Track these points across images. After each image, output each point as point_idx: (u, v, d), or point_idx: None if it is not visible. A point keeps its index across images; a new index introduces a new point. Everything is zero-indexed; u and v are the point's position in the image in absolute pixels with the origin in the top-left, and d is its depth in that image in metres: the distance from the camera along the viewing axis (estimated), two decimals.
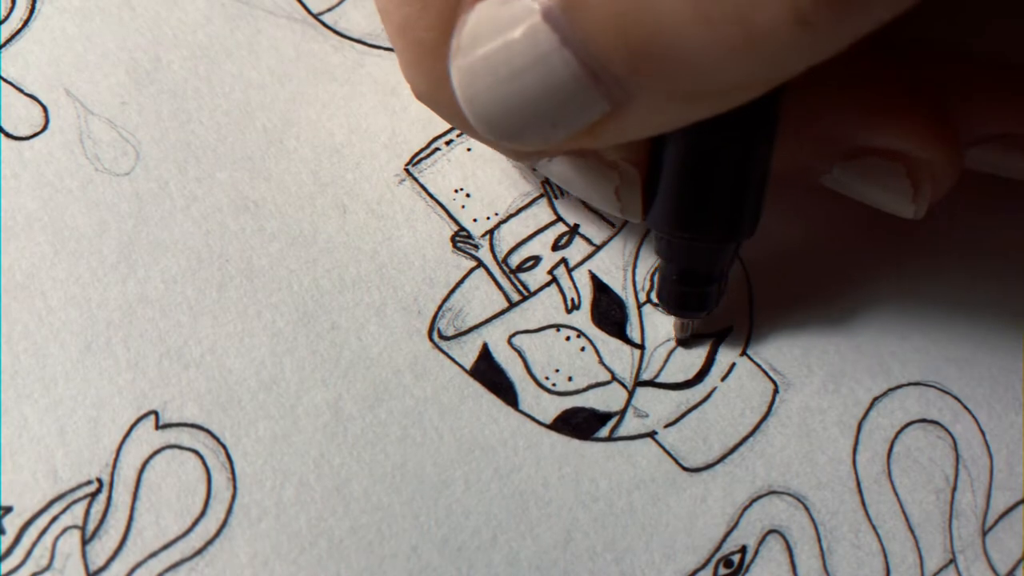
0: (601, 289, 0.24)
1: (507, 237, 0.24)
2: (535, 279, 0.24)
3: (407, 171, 0.25)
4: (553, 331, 0.24)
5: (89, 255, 0.23)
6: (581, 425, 0.23)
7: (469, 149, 0.25)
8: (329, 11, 0.26)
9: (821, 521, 0.23)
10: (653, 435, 0.23)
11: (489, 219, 0.24)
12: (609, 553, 0.22)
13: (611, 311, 0.24)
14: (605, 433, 0.23)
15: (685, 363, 0.24)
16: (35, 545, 0.21)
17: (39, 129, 0.24)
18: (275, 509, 0.22)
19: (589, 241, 0.24)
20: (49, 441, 0.22)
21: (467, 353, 0.23)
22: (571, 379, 0.24)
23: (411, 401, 0.23)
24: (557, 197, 0.25)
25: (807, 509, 0.23)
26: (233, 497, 0.22)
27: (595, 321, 0.24)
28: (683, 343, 0.24)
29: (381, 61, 0.25)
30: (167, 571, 0.21)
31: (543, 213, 0.25)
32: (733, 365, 0.24)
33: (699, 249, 0.22)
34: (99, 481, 0.22)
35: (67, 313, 0.23)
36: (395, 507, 0.22)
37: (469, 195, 0.24)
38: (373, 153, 0.25)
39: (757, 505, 0.23)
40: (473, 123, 0.18)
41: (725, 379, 0.24)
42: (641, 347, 0.24)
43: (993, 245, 0.25)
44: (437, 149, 0.25)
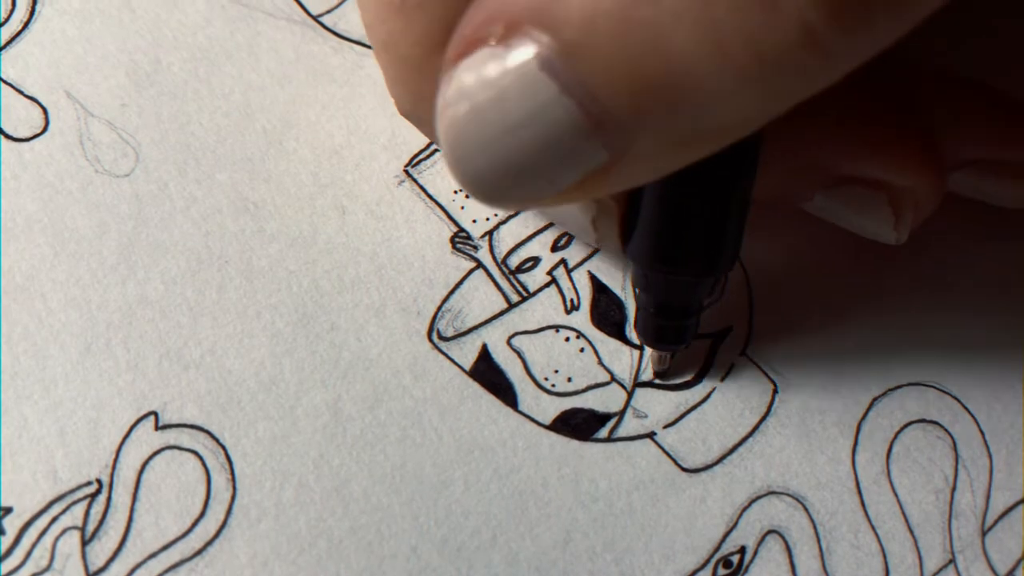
0: (600, 290, 0.24)
1: (506, 238, 0.24)
2: (534, 280, 0.24)
3: (406, 172, 0.25)
4: (552, 332, 0.24)
5: (89, 256, 0.23)
6: (580, 426, 0.23)
7: None
8: (328, 13, 0.26)
9: (820, 521, 0.23)
10: (652, 436, 0.23)
11: (488, 220, 0.24)
12: (608, 553, 0.22)
13: (610, 312, 0.24)
14: (604, 434, 0.23)
15: (685, 364, 0.24)
16: (35, 546, 0.21)
17: (39, 131, 0.24)
18: (275, 510, 0.22)
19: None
20: (49, 442, 0.22)
21: (466, 354, 0.23)
22: (570, 380, 0.24)
23: (410, 402, 0.23)
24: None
25: (806, 509, 0.23)
26: (233, 498, 0.22)
27: (594, 322, 0.24)
28: (661, 375, 0.24)
29: None
30: (167, 572, 0.21)
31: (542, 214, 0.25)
32: (732, 365, 0.24)
33: (678, 283, 0.22)
34: (99, 482, 0.22)
35: (67, 314, 0.23)
36: (395, 507, 0.22)
37: (468, 196, 0.24)
38: (372, 154, 0.25)
39: (756, 505, 0.23)
40: (460, 183, 0.17)
41: (724, 380, 0.24)
42: (640, 348, 0.24)
43: (992, 245, 0.25)
44: (436, 150, 0.25)
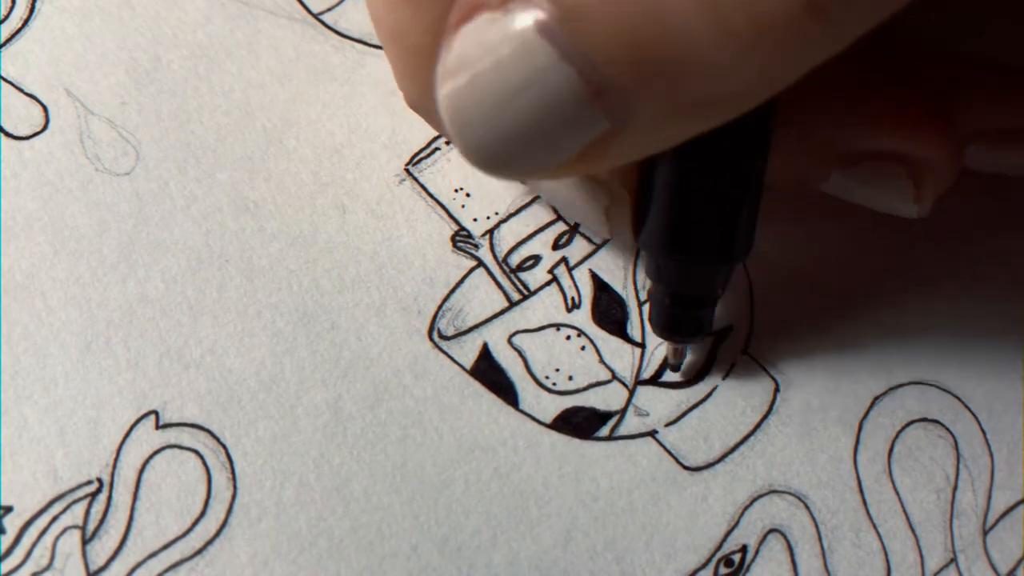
0: (602, 288, 0.24)
1: (507, 236, 0.24)
2: (535, 278, 0.24)
3: (407, 171, 0.25)
4: (553, 330, 0.24)
5: (89, 255, 0.23)
6: (581, 424, 0.23)
7: None
8: (329, 11, 0.26)
9: (822, 520, 0.23)
10: (654, 434, 0.23)
11: (489, 218, 0.24)
12: (609, 552, 0.22)
13: (612, 310, 0.24)
14: (605, 432, 0.23)
15: (686, 362, 0.24)
16: (35, 545, 0.21)
17: (39, 129, 0.24)
18: (275, 509, 0.22)
19: (589, 240, 0.24)
20: (49, 441, 0.22)
21: (467, 353, 0.23)
22: (571, 378, 0.24)
23: (411, 401, 0.23)
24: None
25: (808, 508, 0.23)
26: (233, 497, 0.22)
27: (596, 320, 0.24)
28: (676, 369, 0.24)
29: (381, 61, 0.25)
30: (167, 571, 0.21)
31: (543, 212, 0.25)
32: (734, 364, 0.24)
33: (692, 272, 0.21)
34: (99, 481, 0.22)
35: (67, 313, 0.23)
36: (395, 507, 0.22)
37: (469, 195, 0.24)
38: (373, 153, 0.25)
39: (758, 504, 0.23)
40: (463, 152, 0.17)
41: (726, 378, 0.24)
42: (642, 346, 0.24)
43: (994, 245, 0.25)
44: (437, 149, 0.25)
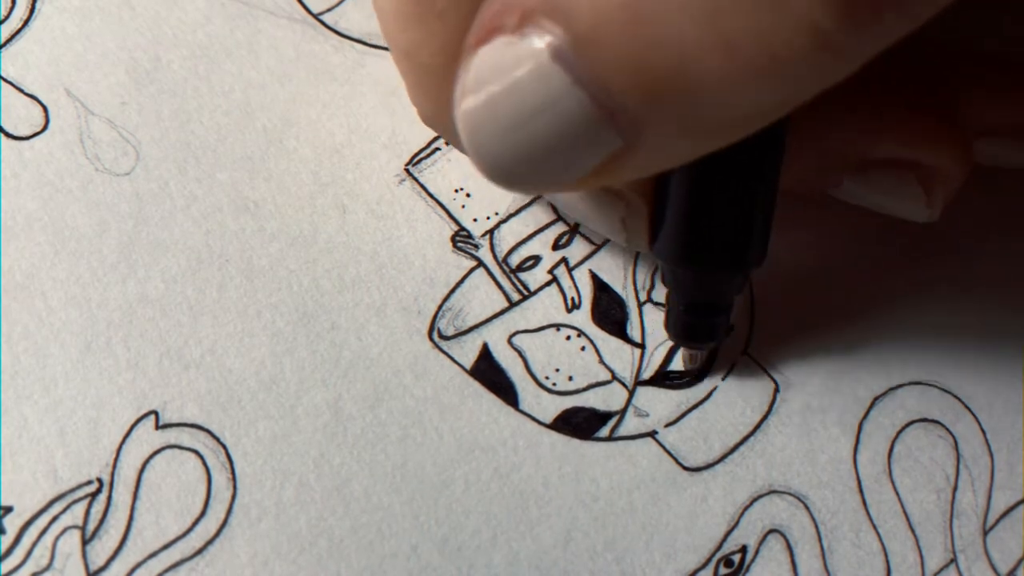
0: (601, 288, 0.24)
1: (507, 237, 0.24)
2: (535, 278, 0.24)
3: (407, 171, 0.25)
4: (553, 330, 0.24)
5: (89, 255, 0.23)
6: (581, 425, 0.23)
7: None
8: (329, 11, 0.26)
9: (822, 520, 0.23)
10: (654, 434, 0.23)
11: (489, 219, 0.24)
12: (609, 553, 0.22)
13: (612, 310, 0.24)
14: (605, 433, 0.23)
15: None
16: (35, 545, 0.21)
17: (39, 129, 0.24)
18: (275, 509, 0.22)
19: (589, 240, 0.24)
20: (49, 441, 0.22)
21: (467, 353, 0.23)
22: (571, 379, 0.24)
23: (411, 401, 0.23)
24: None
25: (808, 508, 0.23)
26: (233, 497, 0.22)
27: (595, 320, 0.24)
28: (692, 374, 0.24)
29: (381, 61, 0.25)
30: (167, 571, 0.21)
31: (543, 212, 0.25)
32: (733, 364, 0.24)
33: (707, 280, 0.22)
34: (99, 481, 0.22)
35: (67, 313, 0.23)
36: (395, 507, 0.22)
37: (469, 195, 0.24)
38: (373, 153, 0.25)
39: (758, 504, 0.23)
40: (480, 170, 0.17)
41: (726, 378, 0.24)
42: (642, 346, 0.24)
43: (994, 245, 0.25)
44: (437, 149, 0.25)
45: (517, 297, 0.24)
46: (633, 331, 0.24)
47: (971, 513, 0.23)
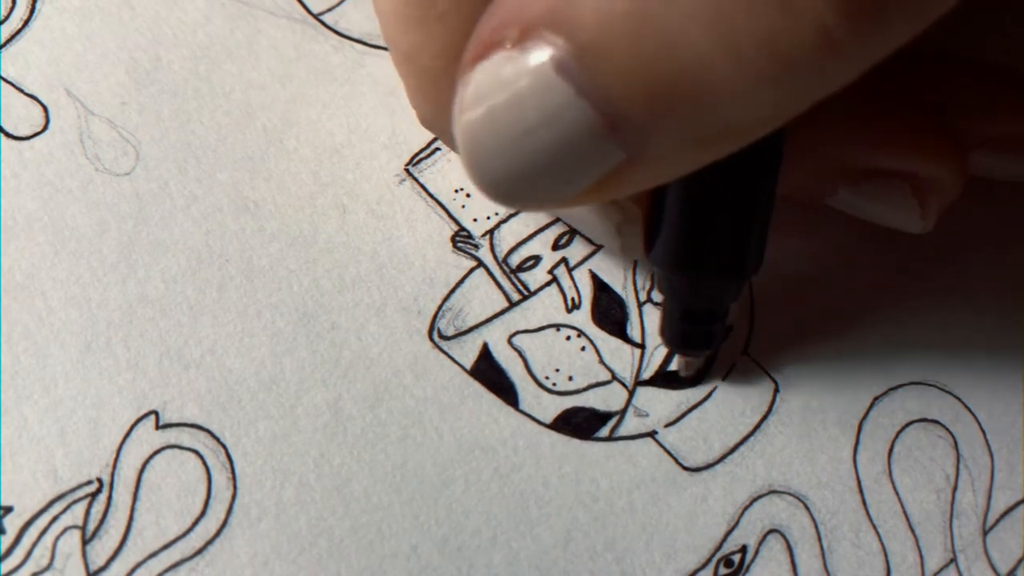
0: (601, 288, 0.24)
1: (507, 237, 0.24)
2: (535, 279, 0.24)
3: (407, 171, 0.25)
4: (553, 331, 0.24)
5: (89, 255, 0.23)
6: (581, 425, 0.23)
7: None
8: (329, 11, 0.26)
9: (821, 520, 0.23)
10: (653, 435, 0.23)
11: (489, 219, 0.24)
12: (609, 553, 0.22)
13: (611, 310, 0.24)
14: (605, 433, 0.23)
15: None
16: (35, 545, 0.21)
17: (39, 129, 0.24)
18: (275, 509, 0.22)
19: (589, 240, 0.24)
20: (49, 441, 0.22)
21: (467, 353, 0.23)
22: (571, 379, 0.24)
23: (411, 401, 0.23)
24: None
25: (807, 508, 0.23)
26: (233, 497, 0.22)
27: (595, 320, 0.24)
28: (688, 380, 0.24)
29: (381, 61, 0.25)
30: (167, 571, 0.21)
31: (543, 213, 0.25)
32: (734, 364, 0.24)
33: (703, 288, 0.22)
34: (99, 481, 0.22)
35: (67, 313, 0.23)
36: (395, 507, 0.22)
37: (469, 195, 0.24)
38: (373, 153, 0.25)
39: (757, 504, 0.23)
40: (479, 187, 0.17)
41: (726, 378, 0.24)
42: (642, 346, 0.24)
43: (994, 245, 0.25)
44: (437, 149, 0.25)
45: (517, 297, 0.24)
46: (633, 331, 0.24)
47: (971, 513, 0.23)
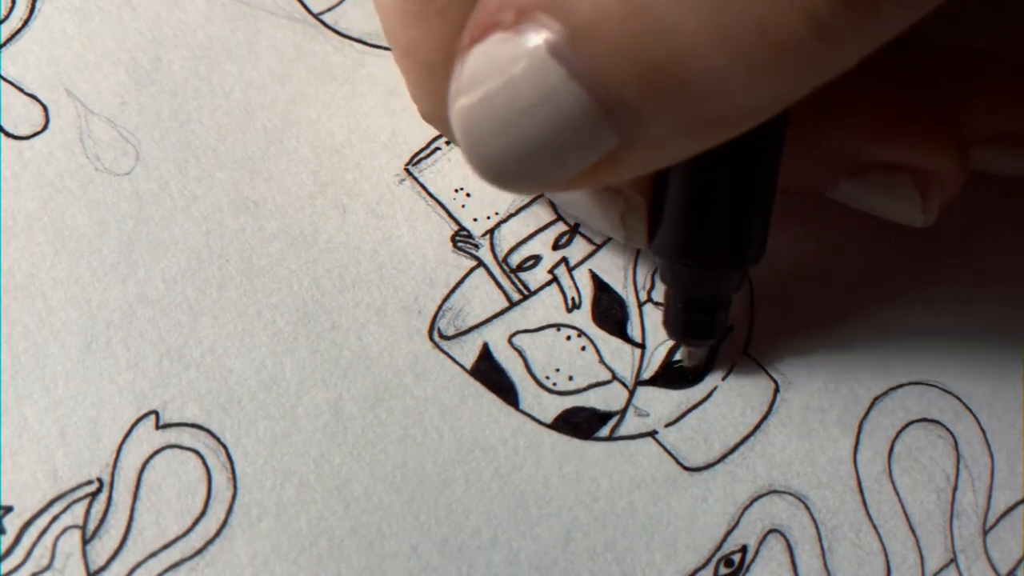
0: (602, 288, 0.24)
1: (507, 236, 0.24)
2: (535, 278, 0.24)
3: (407, 171, 0.25)
4: (553, 330, 0.24)
5: (89, 255, 0.23)
6: (582, 424, 0.23)
7: None
8: (329, 11, 0.26)
9: (822, 520, 0.23)
10: (654, 434, 0.23)
11: (489, 218, 0.24)
12: (609, 553, 0.22)
13: (612, 310, 0.24)
14: (606, 432, 0.23)
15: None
16: (35, 545, 0.21)
17: (39, 129, 0.24)
18: (275, 509, 0.22)
19: (590, 240, 0.24)
20: (49, 441, 0.22)
21: (467, 353, 0.23)
22: (572, 378, 0.24)
23: (411, 401, 0.23)
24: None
25: (808, 508, 0.23)
26: (233, 497, 0.22)
27: (596, 320, 0.24)
28: (690, 376, 0.24)
29: (381, 61, 0.25)
30: (167, 571, 0.21)
31: (543, 212, 0.25)
32: (734, 364, 0.24)
33: (705, 277, 0.22)
34: (99, 481, 0.22)
35: (67, 313, 0.23)
36: (395, 507, 0.22)
37: (469, 194, 0.24)
38: (373, 153, 0.25)
39: (758, 504, 0.23)
40: (474, 168, 0.17)
41: (726, 378, 0.24)
42: (642, 346, 0.24)
43: (994, 245, 0.25)
44: (437, 149, 0.25)
45: (517, 297, 0.24)
46: (633, 331, 0.24)
47: (971, 513, 0.23)
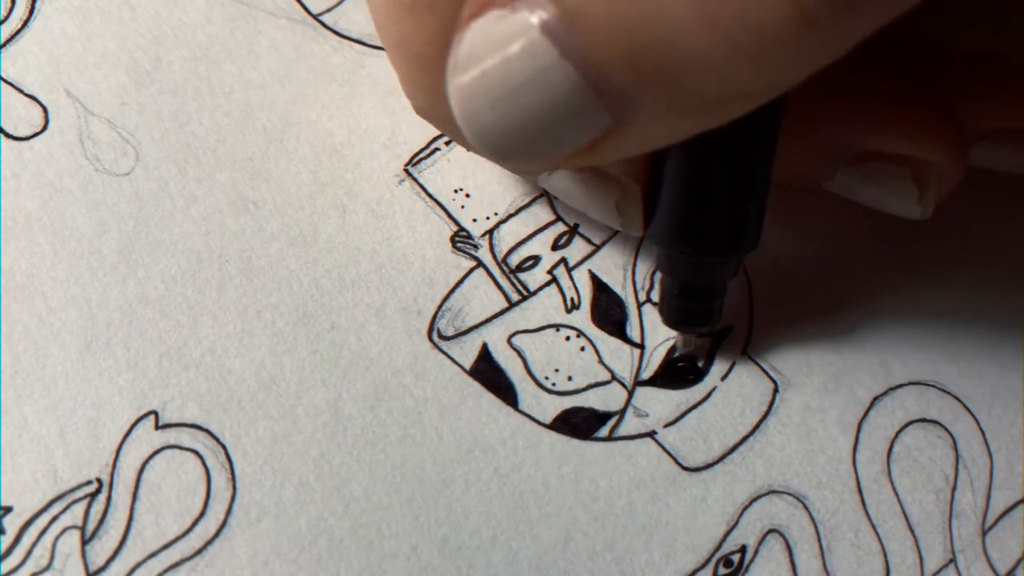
0: (601, 288, 0.24)
1: (507, 237, 0.24)
2: (535, 279, 0.24)
3: (407, 171, 0.25)
4: (553, 331, 0.24)
5: (89, 255, 0.23)
6: (581, 425, 0.23)
7: None
8: (329, 11, 0.26)
9: (821, 520, 0.23)
10: (653, 435, 0.23)
11: (489, 219, 0.24)
12: (609, 553, 0.22)
13: (611, 310, 0.24)
14: (605, 433, 0.23)
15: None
16: (35, 545, 0.21)
17: (39, 129, 0.24)
18: (275, 509, 0.22)
19: (589, 240, 0.24)
20: (49, 441, 0.22)
21: (467, 353, 0.23)
22: (571, 379, 0.24)
23: (411, 401, 0.23)
24: (556, 197, 0.25)
25: (807, 508, 0.23)
26: (233, 497, 0.22)
27: (595, 320, 0.24)
28: (687, 359, 0.24)
29: (381, 61, 0.25)
30: (167, 571, 0.21)
31: (543, 213, 0.25)
32: (733, 364, 0.24)
33: (701, 264, 0.22)
34: (99, 481, 0.22)
35: (67, 313, 0.23)
36: (395, 507, 0.22)
37: (469, 195, 0.24)
38: (373, 153, 0.25)
39: (757, 504, 0.23)
40: (473, 142, 0.18)
41: (725, 379, 0.24)
42: (641, 346, 0.24)
43: (994, 244, 0.25)
44: (437, 149, 0.25)
45: (517, 297, 0.24)
46: (632, 331, 0.24)
47: (970, 513, 0.23)
